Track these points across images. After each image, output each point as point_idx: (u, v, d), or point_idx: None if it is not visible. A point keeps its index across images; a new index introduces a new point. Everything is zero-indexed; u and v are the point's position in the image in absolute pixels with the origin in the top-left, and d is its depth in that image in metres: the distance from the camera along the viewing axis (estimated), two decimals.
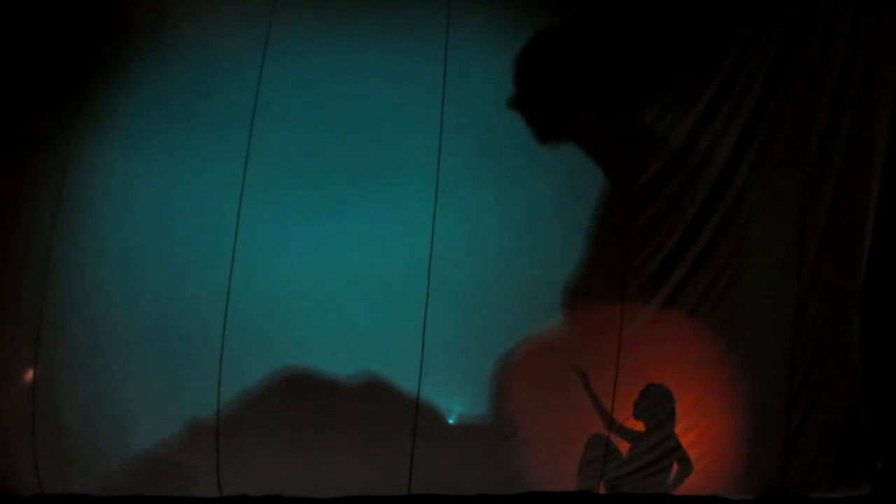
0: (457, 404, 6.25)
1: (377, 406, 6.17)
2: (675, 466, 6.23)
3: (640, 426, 6.25)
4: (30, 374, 6.16)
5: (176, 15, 6.45)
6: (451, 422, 6.23)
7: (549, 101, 6.50)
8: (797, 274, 6.33)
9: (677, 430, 6.24)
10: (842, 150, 6.37)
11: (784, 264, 6.34)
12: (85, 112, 6.34)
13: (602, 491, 6.20)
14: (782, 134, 6.40)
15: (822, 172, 6.37)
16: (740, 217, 6.38)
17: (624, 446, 6.23)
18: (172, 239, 6.24)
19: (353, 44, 6.42)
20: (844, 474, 6.29)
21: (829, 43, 6.41)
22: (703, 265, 6.35)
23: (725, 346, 6.33)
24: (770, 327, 6.32)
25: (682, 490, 6.24)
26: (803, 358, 6.29)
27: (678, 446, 6.22)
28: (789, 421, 6.26)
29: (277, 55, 6.36)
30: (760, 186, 6.39)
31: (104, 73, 6.41)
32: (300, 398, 6.16)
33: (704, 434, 6.27)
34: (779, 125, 6.40)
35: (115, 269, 6.23)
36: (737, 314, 6.35)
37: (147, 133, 6.33)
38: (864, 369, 6.33)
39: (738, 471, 6.27)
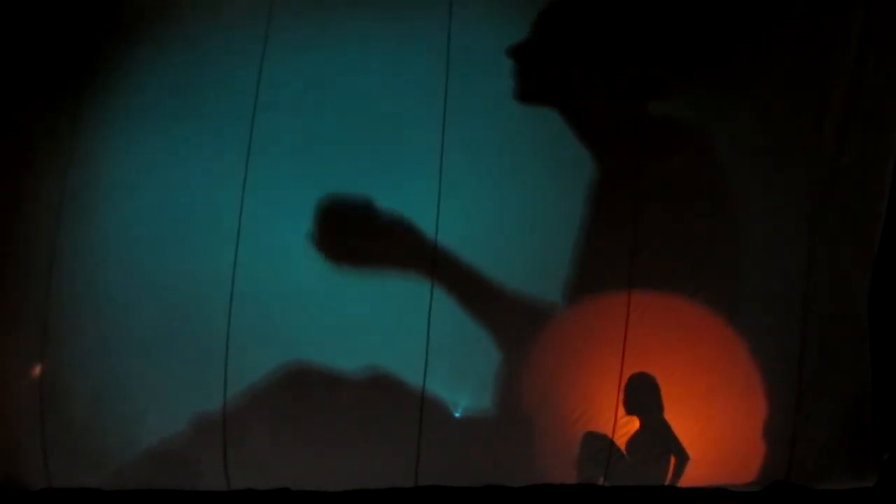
0: (462, 398, 6.26)
1: (383, 400, 6.17)
2: (672, 458, 6.24)
3: (635, 422, 6.24)
4: (38, 370, 6.19)
5: (177, 6, 6.37)
6: (456, 415, 6.24)
7: (552, 66, 6.42)
8: (807, 267, 6.27)
9: (676, 421, 6.24)
10: (854, 143, 6.28)
11: (794, 258, 6.29)
12: (87, 105, 6.28)
13: (604, 483, 6.23)
14: (794, 129, 6.31)
15: (834, 169, 6.29)
16: (751, 211, 6.31)
17: (623, 440, 6.23)
18: (176, 233, 6.21)
19: (356, 33, 6.33)
20: (850, 466, 6.29)
21: (841, 41, 6.30)
22: (711, 257, 6.30)
23: (733, 339, 6.28)
24: (779, 320, 6.28)
25: (687, 481, 6.26)
26: (812, 352, 6.26)
27: (673, 437, 6.22)
28: (797, 413, 6.24)
29: (279, 46, 6.28)
30: (771, 182, 6.31)
31: (106, 65, 6.33)
32: (306, 393, 6.17)
33: (711, 425, 6.27)
34: (791, 121, 6.31)
35: (120, 264, 6.20)
36: (746, 307, 6.30)
37: (149, 126, 6.27)
38: (871, 362, 6.30)
39: (744, 463, 6.28)
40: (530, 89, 6.36)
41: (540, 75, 6.39)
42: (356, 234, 6.25)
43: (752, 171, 6.36)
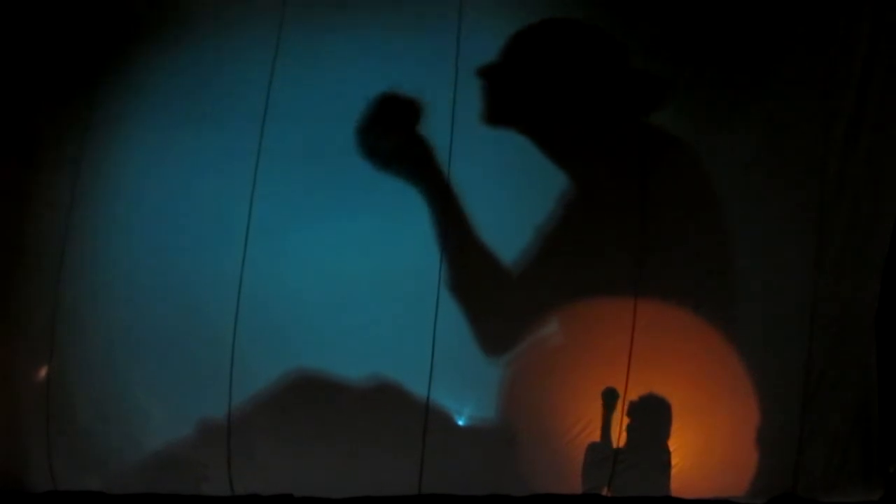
0: (467, 406, 6.26)
1: (387, 408, 6.17)
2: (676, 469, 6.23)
3: (639, 432, 6.22)
4: (44, 372, 6.23)
5: (188, 12, 6.47)
6: (461, 424, 6.24)
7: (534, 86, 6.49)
8: (813, 281, 6.26)
9: (680, 433, 6.22)
10: (860, 160, 6.29)
11: (799, 271, 6.27)
12: (96, 110, 6.37)
13: (608, 494, 6.20)
14: (800, 143, 6.33)
15: (840, 182, 6.29)
16: (756, 224, 6.32)
17: (627, 450, 6.21)
18: (184, 239, 6.26)
19: (367, 40, 6.39)
20: (856, 479, 6.23)
21: (846, 57, 6.33)
22: (714, 270, 6.31)
23: (738, 349, 6.27)
24: (784, 334, 6.26)
25: (692, 493, 6.21)
26: (818, 363, 6.23)
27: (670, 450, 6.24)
28: (802, 425, 6.22)
29: (289, 52, 6.35)
30: (777, 195, 6.32)
31: (115, 71, 6.43)
32: (311, 400, 6.18)
33: (715, 437, 6.25)
34: (797, 134, 6.34)
35: (128, 269, 6.27)
36: (752, 317, 6.29)
37: (159, 131, 6.35)
38: (877, 373, 6.28)
39: (749, 474, 6.23)
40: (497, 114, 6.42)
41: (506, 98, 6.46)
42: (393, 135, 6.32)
43: (757, 186, 6.36)
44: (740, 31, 6.44)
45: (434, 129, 6.31)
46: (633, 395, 6.22)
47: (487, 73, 6.37)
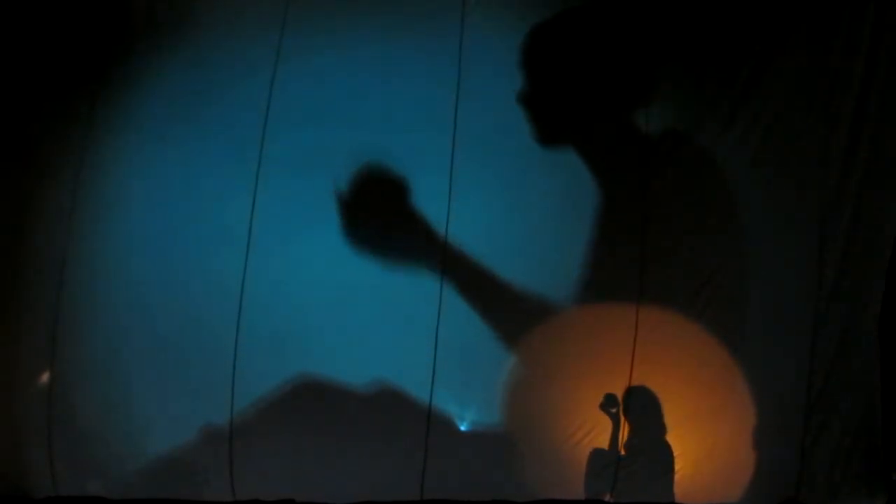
0: (469, 411, 6.25)
1: (389, 413, 6.17)
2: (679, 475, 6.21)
3: (641, 438, 6.23)
4: (46, 377, 6.20)
5: (190, 15, 6.44)
6: (463, 429, 6.23)
7: (557, 99, 6.47)
8: (818, 285, 6.26)
9: (683, 440, 6.21)
10: (862, 162, 6.29)
11: (803, 279, 6.28)
12: (98, 114, 6.34)
13: (611, 499, 6.19)
14: (802, 145, 6.33)
15: (842, 185, 6.29)
16: (759, 228, 6.31)
17: (630, 456, 6.20)
18: (186, 244, 6.25)
19: (367, 43, 6.38)
20: (860, 486, 6.24)
21: (849, 56, 6.32)
22: (720, 274, 6.30)
23: (741, 357, 6.27)
24: (788, 339, 6.27)
25: (696, 499, 6.20)
26: (821, 371, 6.23)
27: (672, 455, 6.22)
28: (805, 432, 6.21)
29: (291, 57, 6.33)
30: (779, 198, 6.32)
31: (117, 75, 6.40)
32: (313, 406, 6.18)
33: (719, 444, 6.25)
34: (799, 136, 6.33)
35: (130, 274, 6.25)
36: (754, 325, 6.30)
37: (161, 136, 6.32)
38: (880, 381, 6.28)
39: (753, 481, 6.23)
40: (548, 133, 6.42)
41: (553, 116, 6.46)
42: (381, 214, 6.31)
43: (762, 194, 6.37)
44: (742, 29, 6.43)
45: (436, 130, 6.29)
46: (636, 401, 6.22)
47: (527, 99, 6.37)
